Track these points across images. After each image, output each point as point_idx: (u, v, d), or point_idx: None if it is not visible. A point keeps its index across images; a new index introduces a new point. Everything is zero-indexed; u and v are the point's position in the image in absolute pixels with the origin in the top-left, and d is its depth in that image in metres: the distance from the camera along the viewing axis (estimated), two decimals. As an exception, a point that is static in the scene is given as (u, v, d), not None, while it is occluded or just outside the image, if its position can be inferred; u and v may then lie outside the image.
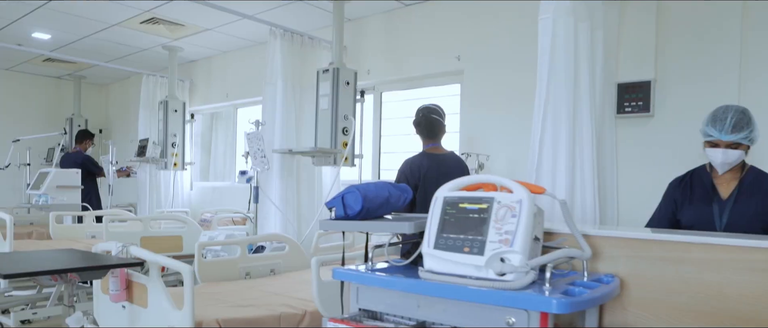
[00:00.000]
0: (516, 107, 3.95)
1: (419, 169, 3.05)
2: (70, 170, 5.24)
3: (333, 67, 4.23)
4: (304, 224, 4.47)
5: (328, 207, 1.90)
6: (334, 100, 4.19)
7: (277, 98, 4.38)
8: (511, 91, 4.00)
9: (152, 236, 4.50)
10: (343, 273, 1.75)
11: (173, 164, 5.86)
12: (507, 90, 4.03)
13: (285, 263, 3.83)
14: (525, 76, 3.94)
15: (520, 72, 3.95)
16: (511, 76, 4.00)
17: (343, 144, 4.23)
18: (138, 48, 6.04)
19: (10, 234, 3.82)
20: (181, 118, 5.96)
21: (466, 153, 3.86)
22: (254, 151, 3.92)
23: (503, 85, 4.05)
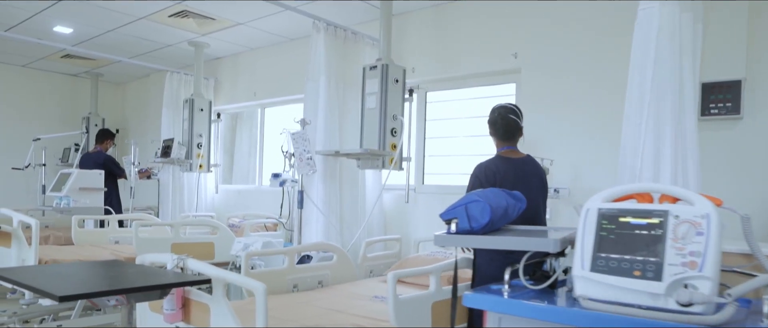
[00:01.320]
0: (581, 108, 3.67)
1: (495, 174, 2.76)
2: (93, 171, 4.96)
3: (381, 63, 3.94)
4: (347, 231, 4.17)
5: (445, 219, 1.61)
6: (383, 98, 3.91)
7: (320, 96, 4.09)
8: (575, 91, 3.72)
9: (183, 242, 4.20)
10: (483, 299, 1.46)
11: (198, 166, 5.57)
12: (570, 90, 3.74)
13: (333, 275, 3.54)
14: (591, 74, 3.66)
15: (586, 70, 3.67)
16: (576, 75, 3.72)
17: (391, 146, 3.95)
18: (162, 44, 5.76)
19: (35, 240, 3.53)
20: (206, 118, 5.67)
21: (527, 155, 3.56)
22: (300, 153, 3.63)
23: (566, 85, 3.76)
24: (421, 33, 4.52)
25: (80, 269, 2.28)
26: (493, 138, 2.96)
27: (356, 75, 4.34)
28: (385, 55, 4.06)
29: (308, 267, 3.42)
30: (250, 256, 3.08)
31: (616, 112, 3.58)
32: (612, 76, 3.56)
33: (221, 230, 4.43)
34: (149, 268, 2.28)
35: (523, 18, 3.97)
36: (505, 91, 4.22)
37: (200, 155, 5.55)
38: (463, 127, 4.49)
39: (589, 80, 3.66)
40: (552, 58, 3.83)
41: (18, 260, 3.60)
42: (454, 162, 4.57)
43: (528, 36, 3.94)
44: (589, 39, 3.66)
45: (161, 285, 1.88)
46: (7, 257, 3.67)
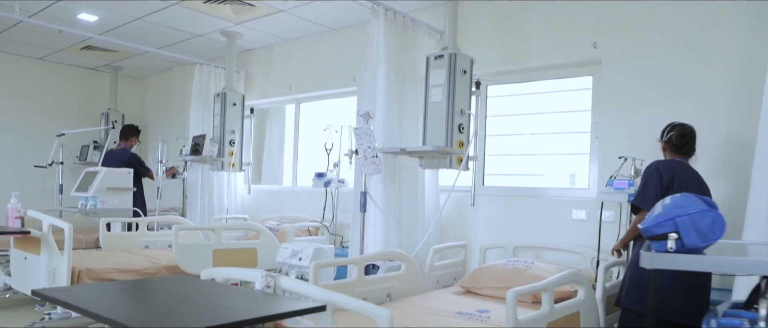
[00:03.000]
0: (673, 104, 3.29)
1: (674, 168, 2.65)
2: (121, 170, 4.57)
3: (448, 52, 3.57)
4: (406, 237, 3.79)
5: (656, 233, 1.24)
6: (450, 91, 3.53)
7: (378, 88, 3.71)
8: (667, 84, 3.34)
9: (225, 248, 3.83)
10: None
11: (230, 165, 5.18)
12: (661, 83, 3.36)
13: (401, 286, 3.17)
14: (685, 66, 3.28)
15: (679, 61, 3.29)
16: (667, 67, 3.34)
17: (458, 143, 3.57)
18: (192, 34, 5.38)
19: (68, 246, 3.16)
20: (239, 113, 5.29)
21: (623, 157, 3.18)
22: (364, 150, 3.25)
23: (656, 78, 3.38)
24: (483, 21, 4.14)
25: (155, 291, 1.88)
26: (669, 151, 2.81)
27: (415, 66, 3.97)
28: (451, 43, 3.68)
29: (376, 279, 3.05)
30: (320, 267, 2.70)
31: (714, 108, 3.22)
32: (709, 69, 3.19)
33: (264, 235, 4.05)
34: (229, 287, 1.90)
35: (605, 2, 3.59)
36: (579, 84, 3.85)
37: (232, 153, 5.16)
38: (528, 125, 4.11)
39: (683, 72, 3.29)
40: (640, 48, 3.45)
41: (48, 269, 3.23)
42: (516, 162, 4.19)
43: (611, 23, 3.56)
44: (684, 26, 3.29)
45: (277, 315, 1.49)
46: (36, 265, 3.30)
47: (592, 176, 3.72)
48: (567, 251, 3.56)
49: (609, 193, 3.13)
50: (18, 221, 3.47)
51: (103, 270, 3.31)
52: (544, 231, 3.79)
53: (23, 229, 3.27)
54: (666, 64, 3.35)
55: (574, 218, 3.70)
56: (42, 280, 3.25)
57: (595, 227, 3.58)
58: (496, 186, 4.18)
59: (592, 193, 3.69)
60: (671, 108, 3.26)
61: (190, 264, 3.59)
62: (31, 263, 3.37)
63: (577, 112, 3.87)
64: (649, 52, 3.41)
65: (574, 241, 3.64)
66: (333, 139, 4.57)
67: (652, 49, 3.40)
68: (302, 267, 3.70)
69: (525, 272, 3.15)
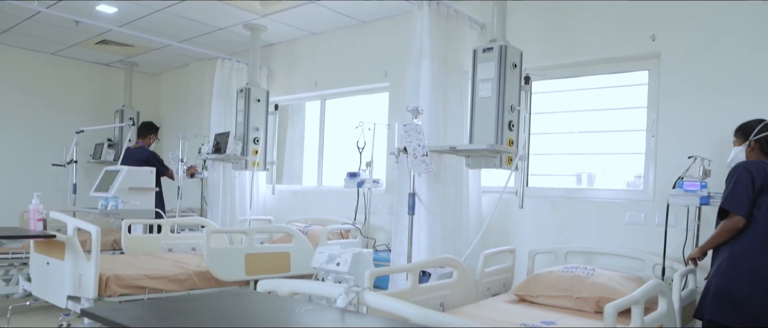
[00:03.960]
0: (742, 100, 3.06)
1: (767, 170, 2.43)
2: (144, 169, 4.35)
3: (497, 44, 3.34)
4: (450, 241, 3.57)
5: None
6: (500, 86, 3.31)
7: (422, 82, 3.49)
8: (735, 79, 3.11)
9: (257, 253, 3.61)
10: None
11: (253, 164, 4.96)
12: (729, 78, 3.13)
13: (454, 295, 2.95)
14: (757, 60, 3.06)
15: (750, 55, 3.07)
16: (736, 61, 3.11)
17: (508, 142, 3.35)
18: (214, 27, 5.16)
19: (96, 251, 2.93)
20: (263, 110, 5.06)
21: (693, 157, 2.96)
22: (414, 148, 3.02)
23: (722, 73, 3.15)
24: (528, 12, 3.91)
25: (218, 309, 1.64)
26: (756, 150, 2.61)
27: (458, 59, 3.76)
28: (500, 35, 3.46)
29: (430, 287, 2.82)
30: (376, 275, 2.47)
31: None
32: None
33: (297, 238, 3.83)
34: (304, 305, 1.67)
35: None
36: (634, 79, 3.62)
37: (256, 152, 4.94)
38: (576, 122, 3.89)
39: (752, 67, 3.06)
40: (704, 40, 3.22)
41: (73, 275, 3.01)
42: (562, 162, 3.97)
43: (672, 13, 3.33)
44: (753, 16, 3.06)
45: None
46: (60, 271, 3.08)
47: (648, 177, 3.49)
48: (625, 257, 3.33)
49: (678, 195, 2.91)
50: (40, 224, 3.26)
51: (132, 277, 3.09)
52: (594, 235, 3.56)
53: (48, 232, 3.05)
54: (733, 58, 3.12)
55: (628, 222, 3.47)
56: (67, 287, 3.03)
57: (653, 230, 3.38)
58: (541, 187, 3.95)
59: (648, 194, 3.47)
60: (739, 105, 3.04)
61: (223, 270, 3.38)
62: (55, 268, 3.15)
63: (630, 110, 3.64)
64: (715, 45, 3.18)
65: (628, 245, 3.42)
66: (365, 137, 4.36)
67: (718, 41, 3.17)
68: (340, 273, 3.49)
69: (587, 280, 2.93)
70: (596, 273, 2.98)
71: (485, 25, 4.06)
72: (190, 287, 3.32)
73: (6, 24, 5.33)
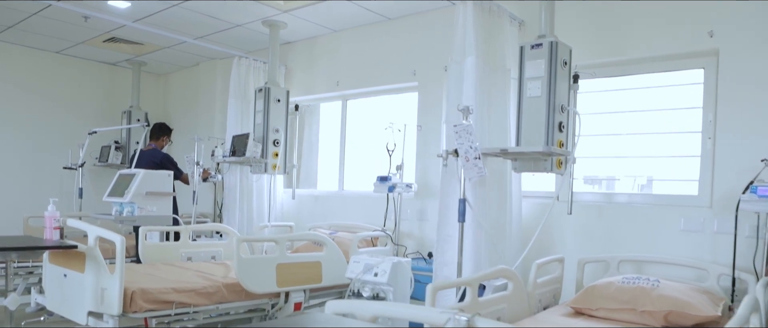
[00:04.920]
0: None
1: None
2: (161, 172, 4.10)
3: (547, 41, 3.14)
4: (494, 250, 3.35)
5: None
6: (551, 85, 3.10)
7: (466, 81, 3.28)
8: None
9: (290, 263, 3.37)
10: None
11: (273, 167, 4.72)
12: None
13: (510, 309, 2.73)
14: None
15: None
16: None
17: (558, 144, 3.14)
18: (230, 23, 4.92)
19: (121, 261, 2.69)
20: (283, 110, 4.83)
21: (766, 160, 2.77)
22: (465, 151, 2.81)
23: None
24: (572, 8, 3.71)
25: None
26: None
27: (501, 56, 3.55)
28: (548, 30, 3.25)
29: (487, 301, 2.60)
30: (438, 289, 2.25)
31: None
32: None
33: (328, 247, 3.60)
34: None
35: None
36: (689, 78, 3.42)
37: (277, 154, 4.70)
38: (623, 123, 3.68)
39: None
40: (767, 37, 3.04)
41: (95, 289, 2.76)
42: (609, 165, 3.77)
43: (732, 9, 3.14)
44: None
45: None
46: (80, 284, 2.83)
47: (704, 181, 3.30)
48: (685, 267, 3.13)
49: (751, 201, 2.71)
50: (56, 232, 3.01)
51: (158, 290, 2.84)
52: (645, 243, 3.36)
53: (68, 242, 2.80)
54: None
55: (683, 229, 3.27)
56: (87, 302, 2.78)
57: (710, 238, 3.18)
58: (586, 192, 3.75)
59: (704, 200, 3.27)
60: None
61: (253, 282, 3.14)
62: (73, 281, 2.90)
63: (683, 110, 3.45)
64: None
65: (684, 254, 3.22)
66: (395, 139, 4.14)
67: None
68: (378, 284, 3.27)
69: (652, 292, 2.72)
70: (662, 285, 2.77)
71: (524, 22, 3.87)
72: (219, 300, 3.08)
73: (11, 20, 5.07)
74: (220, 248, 4.21)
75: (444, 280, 2.73)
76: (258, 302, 3.28)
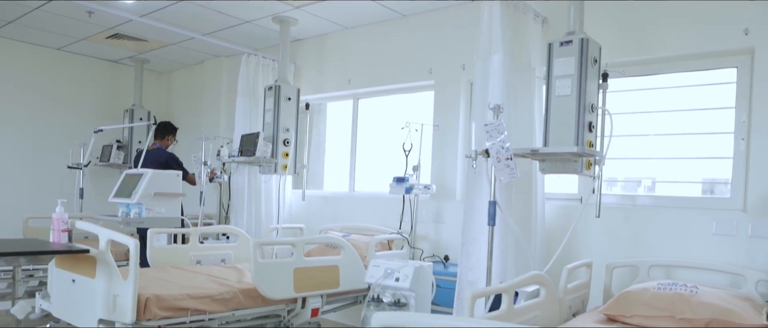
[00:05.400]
0: None
1: None
2: (169, 172, 3.95)
3: (577, 37, 3.02)
4: (522, 254, 3.23)
5: None
6: (581, 84, 2.99)
7: (493, 79, 3.16)
8: None
9: (307, 267, 3.24)
10: None
11: (283, 167, 4.59)
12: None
13: (542, 316, 2.61)
14: None
15: None
16: None
17: (588, 144, 3.02)
18: (239, 20, 4.78)
19: (134, 267, 2.55)
20: (293, 109, 4.69)
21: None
22: (496, 150, 2.68)
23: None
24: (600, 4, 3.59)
25: None
26: None
27: (526, 54, 3.43)
28: (578, 27, 3.14)
29: (522, 309, 2.48)
30: (478, 296, 2.12)
31: None
32: None
33: (346, 250, 3.46)
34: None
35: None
36: (720, 77, 3.32)
37: (287, 154, 4.57)
38: (650, 124, 3.57)
39: None
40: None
41: (107, 296, 2.62)
42: (634, 167, 3.66)
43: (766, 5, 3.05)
44: None
45: None
46: (90, 291, 2.68)
47: (737, 184, 3.20)
48: (721, 272, 3.02)
49: (794, 205, 2.61)
50: (65, 235, 2.87)
51: (173, 297, 2.70)
52: (675, 247, 3.25)
53: (79, 247, 2.65)
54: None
55: (715, 232, 3.16)
56: (98, 309, 2.64)
57: (743, 242, 3.07)
58: (612, 194, 3.64)
59: (736, 202, 3.17)
60: None
61: (270, 287, 3.00)
62: (83, 287, 2.75)
63: (714, 110, 3.34)
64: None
65: (716, 259, 3.11)
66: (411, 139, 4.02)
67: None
68: (400, 289, 3.14)
69: (691, 298, 2.60)
70: (701, 291, 2.65)
71: (547, 19, 3.75)
72: (235, 306, 2.94)
73: (12, 15, 4.91)
74: (230, 251, 4.07)
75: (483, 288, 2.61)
76: (273, 308, 3.15)
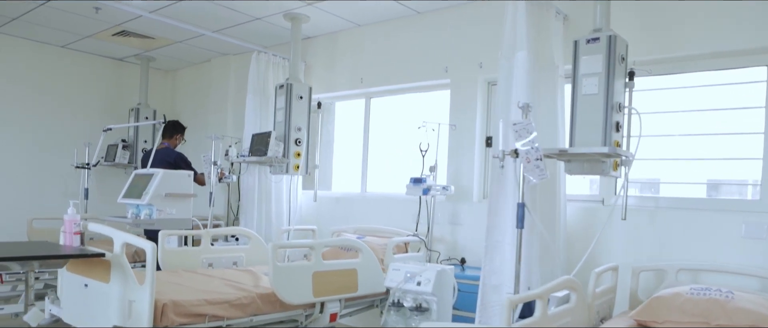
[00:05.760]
0: None
1: None
2: (181, 172, 3.86)
3: (604, 35, 2.94)
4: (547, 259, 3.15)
5: None
6: (609, 82, 2.90)
7: (517, 77, 3.07)
8: None
9: (325, 271, 3.15)
10: None
11: (295, 167, 4.49)
12: None
13: (573, 321, 2.53)
14: None
15: None
16: None
17: (615, 144, 2.94)
18: (250, 16, 4.68)
19: (151, 271, 2.45)
20: (305, 108, 4.60)
21: None
22: (526, 151, 2.60)
23: None
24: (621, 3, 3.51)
25: None
26: None
27: (549, 52, 3.35)
28: (604, 24, 3.05)
29: (554, 316, 2.39)
30: (515, 304, 2.03)
31: None
32: None
33: (364, 253, 3.37)
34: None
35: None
36: (749, 76, 3.23)
37: (299, 154, 4.47)
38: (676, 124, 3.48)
39: None
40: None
41: (122, 301, 2.52)
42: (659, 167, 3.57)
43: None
44: None
45: None
46: (104, 296, 2.59)
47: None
48: (753, 277, 2.94)
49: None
50: (77, 238, 2.77)
51: (191, 303, 2.60)
52: (701, 250, 3.16)
53: (94, 250, 2.56)
54: None
55: (745, 236, 3.08)
56: (112, 316, 2.54)
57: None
58: (637, 196, 3.55)
59: (767, 205, 3.09)
60: None
61: (290, 292, 2.91)
62: (96, 292, 2.66)
63: (742, 110, 3.25)
64: None
65: (746, 262, 3.03)
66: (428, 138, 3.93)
67: None
68: (422, 293, 3.06)
69: (727, 304, 2.52)
70: (736, 297, 2.57)
71: (568, 16, 3.66)
72: (254, 312, 2.84)
73: (17, 11, 4.80)
74: (242, 254, 3.97)
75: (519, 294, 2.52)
76: (291, 314, 3.06)
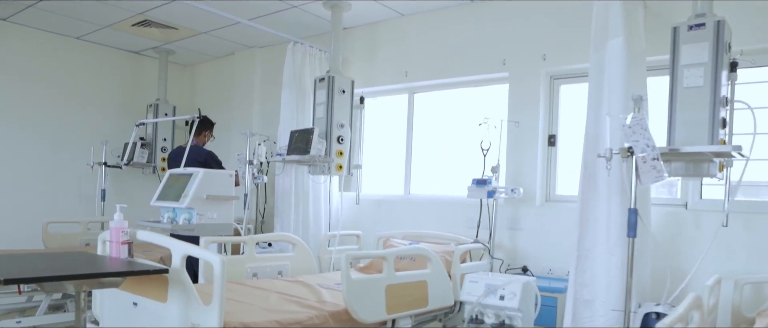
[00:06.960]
0: None
1: None
2: (222, 172, 3.50)
3: (711, 20, 2.65)
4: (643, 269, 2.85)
5: None
6: (716, 73, 2.61)
7: (612, 70, 2.78)
8: None
9: (397, 284, 2.83)
10: None
11: (338, 167, 4.16)
12: None
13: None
14: None
15: None
16: None
17: (721, 143, 2.65)
18: (286, 4, 4.34)
19: (220, 292, 2.12)
20: (347, 103, 4.27)
21: None
22: (641, 148, 2.30)
23: None
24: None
25: None
26: None
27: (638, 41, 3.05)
28: (708, 8, 2.76)
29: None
30: None
31: None
32: None
33: (433, 263, 3.06)
34: None
35: None
36: None
37: (341, 153, 4.15)
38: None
39: None
40: None
41: (182, 324, 2.19)
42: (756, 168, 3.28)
43: None
44: None
45: None
46: (159, 318, 2.25)
47: None
48: None
49: None
50: (125, 248, 2.43)
51: (258, 324, 2.28)
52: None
53: (157, 266, 2.21)
54: None
55: None
56: (170, 340, 2.21)
57: None
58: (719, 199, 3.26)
59: None
60: None
61: (364, 309, 2.59)
62: (148, 312, 2.32)
63: None
64: None
65: None
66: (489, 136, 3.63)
67: None
68: (506, 309, 2.75)
69: None
70: None
71: (646, 3, 3.37)
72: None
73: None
74: (287, 262, 3.65)
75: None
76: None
